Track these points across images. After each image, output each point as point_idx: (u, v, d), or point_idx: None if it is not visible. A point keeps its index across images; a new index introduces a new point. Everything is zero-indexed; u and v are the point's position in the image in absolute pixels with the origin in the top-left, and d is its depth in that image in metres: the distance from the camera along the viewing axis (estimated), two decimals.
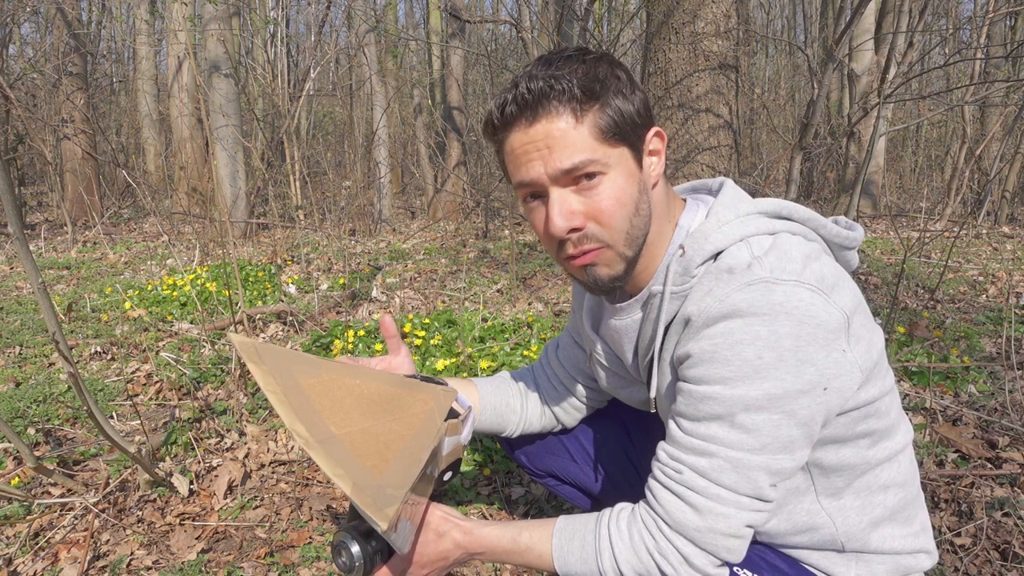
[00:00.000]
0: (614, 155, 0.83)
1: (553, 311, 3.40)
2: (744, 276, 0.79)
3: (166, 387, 2.42)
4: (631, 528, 0.86)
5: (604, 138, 0.82)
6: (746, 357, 0.76)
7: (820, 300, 0.77)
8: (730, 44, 3.23)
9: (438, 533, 0.93)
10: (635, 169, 0.85)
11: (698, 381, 0.81)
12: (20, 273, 4.66)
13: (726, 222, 0.86)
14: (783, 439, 0.79)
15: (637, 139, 0.85)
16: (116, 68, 14.61)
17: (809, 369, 0.77)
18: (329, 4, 9.34)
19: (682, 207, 0.95)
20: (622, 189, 0.83)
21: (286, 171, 6.63)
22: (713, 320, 0.79)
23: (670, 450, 0.85)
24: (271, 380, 0.83)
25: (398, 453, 0.84)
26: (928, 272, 4.10)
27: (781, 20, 15.86)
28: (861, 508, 0.90)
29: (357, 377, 0.93)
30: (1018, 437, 1.88)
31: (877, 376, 0.85)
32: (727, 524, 0.80)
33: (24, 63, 8.50)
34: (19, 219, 1.48)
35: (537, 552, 0.90)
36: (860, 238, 0.94)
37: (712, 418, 0.80)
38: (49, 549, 1.56)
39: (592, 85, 0.81)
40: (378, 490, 0.76)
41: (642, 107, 0.86)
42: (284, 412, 0.80)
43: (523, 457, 1.35)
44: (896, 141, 10.51)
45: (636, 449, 1.27)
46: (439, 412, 0.96)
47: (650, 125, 0.87)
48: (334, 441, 0.80)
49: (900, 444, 0.91)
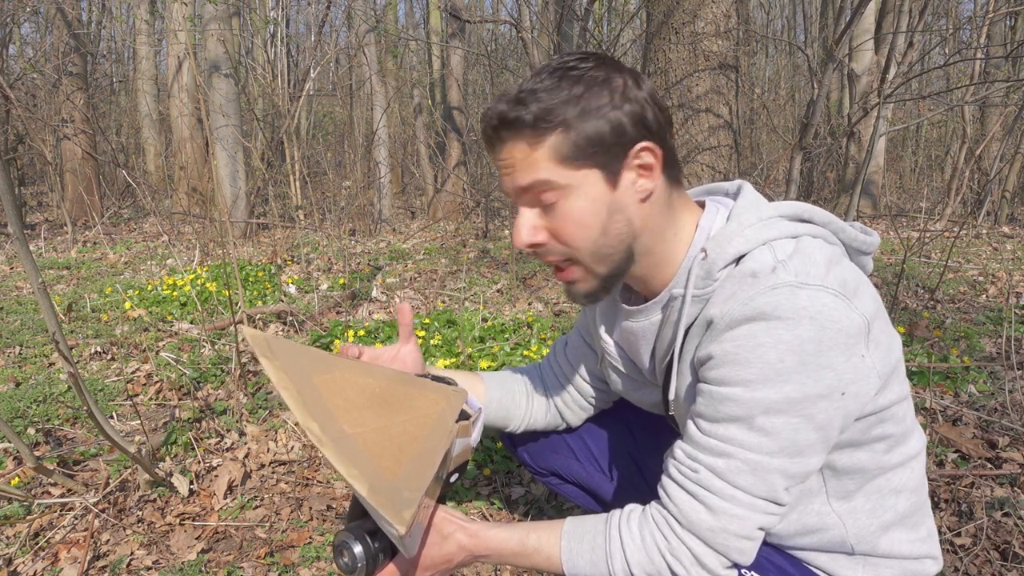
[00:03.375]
0: (577, 177, 0.84)
1: (553, 311, 3.40)
2: (769, 280, 0.79)
3: (166, 387, 2.42)
4: (643, 529, 0.86)
5: (565, 161, 0.83)
6: (768, 360, 0.77)
7: (843, 305, 0.77)
8: (730, 44, 3.23)
9: (443, 535, 0.91)
10: (604, 190, 0.85)
11: (719, 382, 0.81)
12: (20, 273, 4.66)
13: (748, 225, 0.86)
14: (801, 443, 0.79)
15: (611, 158, 0.84)
16: (116, 68, 14.61)
17: (829, 374, 0.77)
18: (329, 4, 9.34)
19: (696, 210, 0.94)
20: (583, 210, 0.85)
21: (286, 171, 6.63)
22: (736, 323, 0.79)
23: (688, 449, 0.85)
24: (284, 376, 0.81)
25: (412, 454, 0.83)
26: (928, 272, 4.10)
27: (781, 20, 15.86)
28: (872, 511, 0.90)
29: (369, 376, 0.92)
30: (1018, 437, 1.88)
31: (894, 382, 0.85)
32: (740, 525, 0.80)
33: (24, 63, 8.50)
34: (19, 219, 1.48)
35: (546, 554, 0.90)
36: (876, 243, 0.93)
37: (731, 420, 0.80)
38: (49, 549, 1.56)
39: (546, 116, 0.82)
40: (395, 492, 0.75)
41: (626, 124, 0.84)
42: (297, 409, 0.79)
43: (526, 455, 1.35)
44: (896, 141, 10.51)
45: (640, 450, 1.27)
46: (451, 413, 0.94)
47: (639, 140, 0.85)
48: (348, 440, 0.79)
49: (914, 450, 0.91)
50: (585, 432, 1.30)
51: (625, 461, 1.28)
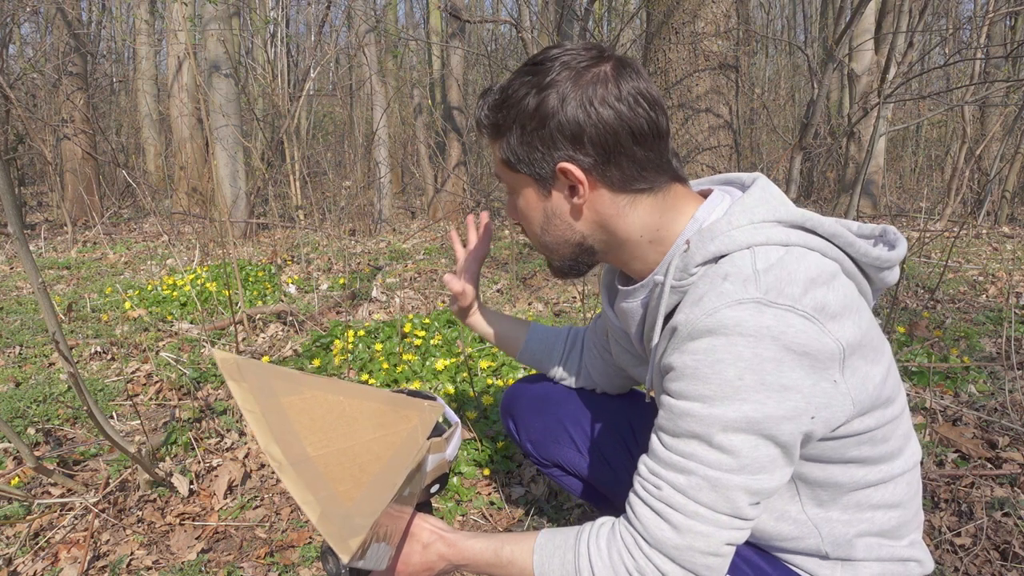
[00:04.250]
0: (517, 180, 0.93)
1: (553, 311, 3.40)
2: (737, 291, 0.76)
3: (166, 387, 2.43)
4: (610, 546, 0.84)
5: (507, 164, 0.92)
6: (726, 377, 0.75)
7: (813, 329, 0.74)
8: (730, 44, 3.23)
9: (423, 544, 0.94)
10: (537, 198, 0.92)
11: (678, 396, 0.79)
12: (20, 273, 4.66)
13: (737, 226, 0.83)
14: (762, 460, 0.77)
15: (541, 172, 0.89)
16: (116, 68, 14.62)
17: (794, 396, 0.75)
18: (329, 4, 9.34)
19: (697, 201, 0.91)
20: (527, 207, 0.95)
21: (286, 171, 6.63)
22: (698, 334, 0.77)
23: (651, 465, 0.83)
24: (250, 398, 0.82)
25: (373, 477, 0.84)
26: (928, 272, 4.10)
27: (781, 20, 15.86)
28: (848, 522, 0.89)
29: (341, 393, 0.92)
30: (1018, 437, 1.88)
31: (878, 407, 0.83)
32: (706, 543, 0.79)
33: (24, 63, 8.50)
34: (19, 219, 1.48)
35: (519, 567, 0.90)
36: (899, 257, 0.86)
37: (691, 435, 0.78)
38: (49, 549, 1.56)
39: (493, 125, 0.91)
40: (345, 520, 0.75)
41: (558, 139, 0.84)
42: (260, 432, 0.79)
43: (529, 445, 1.36)
44: (896, 141, 10.51)
45: (640, 445, 1.28)
46: (423, 429, 0.96)
47: (564, 160, 0.85)
48: (308, 463, 0.80)
49: (900, 468, 0.89)
50: (587, 424, 1.31)
51: (626, 457, 1.28)
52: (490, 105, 0.91)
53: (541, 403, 1.35)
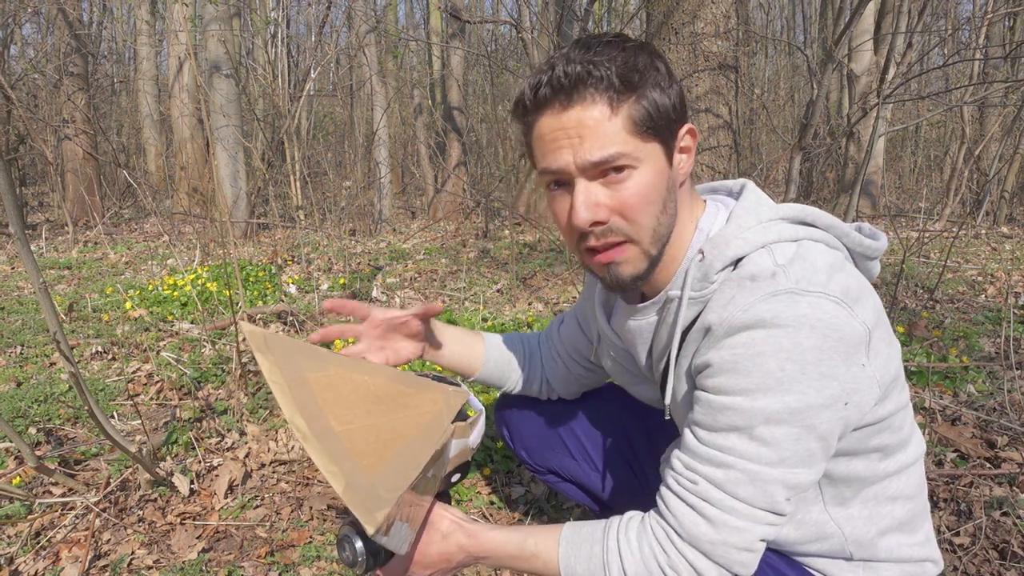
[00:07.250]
0: (646, 149, 0.81)
1: (553, 311, 3.40)
2: (768, 286, 0.77)
3: (167, 387, 2.43)
4: (641, 540, 0.83)
5: (637, 131, 0.80)
6: (768, 369, 0.75)
7: (844, 313, 0.75)
8: (730, 44, 3.24)
9: (442, 534, 0.91)
10: (665, 166, 0.83)
11: (718, 391, 0.79)
12: (21, 273, 4.66)
13: (748, 228, 0.84)
14: (802, 453, 0.77)
15: (670, 135, 0.83)
16: (117, 68, 14.62)
17: (832, 383, 0.75)
18: (329, 4, 9.35)
19: (702, 208, 0.92)
20: (650, 185, 0.82)
21: (286, 171, 6.63)
22: (735, 330, 0.77)
23: (686, 459, 0.82)
24: (276, 371, 0.82)
25: (396, 453, 0.83)
26: (927, 272, 4.11)
27: (781, 20, 15.87)
28: (869, 518, 0.89)
29: (366, 373, 0.92)
30: (1017, 437, 1.88)
31: (894, 391, 0.84)
32: (742, 538, 0.78)
33: (25, 64, 8.51)
34: (20, 219, 1.49)
35: (543, 560, 0.88)
36: (883, 247, 0.90)
37: (731, 429, 0.78)
38: (50, 548, 1.56)
39: (631, 75, 0.79)
40: (370, 491, 0.74)
41: (678, 102, 0.83)
42: (285, 404, 0.79)
43: (524, 453, 1.35)
44: (895, 141, 10.52)
45: (635, 451, 1.28)
46: (448, 413, 0.93)
47: (684, 121, 0.85)
48: (332, 436, 0.79)
49: (911, 457, 0.90)
50: (581, 431, 1.31)
51: (620, 461, 1.29)
52: (609, 56, 0.79)
53: (534, 411, 1.35)
